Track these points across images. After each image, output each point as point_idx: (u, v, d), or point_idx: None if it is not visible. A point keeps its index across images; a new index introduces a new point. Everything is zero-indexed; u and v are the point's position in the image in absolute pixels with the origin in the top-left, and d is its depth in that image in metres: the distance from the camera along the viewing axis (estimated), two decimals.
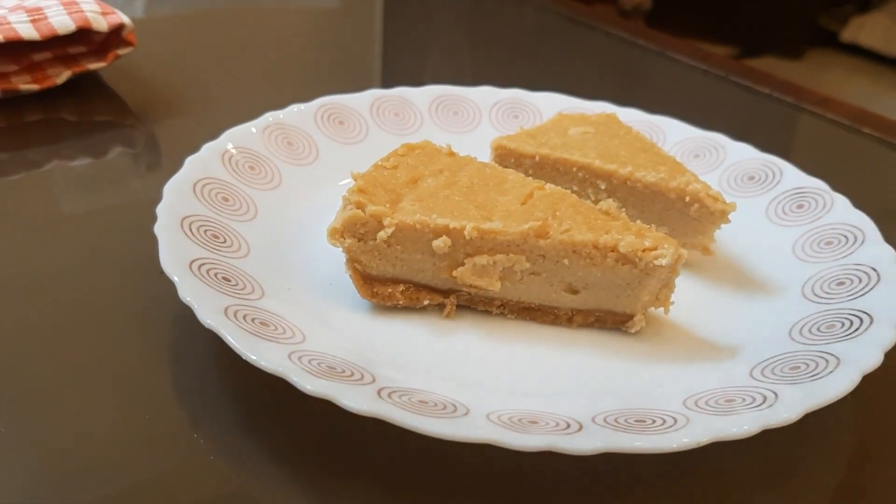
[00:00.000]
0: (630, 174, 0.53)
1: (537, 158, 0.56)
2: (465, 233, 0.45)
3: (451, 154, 0.53)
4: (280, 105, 0.63)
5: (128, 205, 0.61)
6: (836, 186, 0.58)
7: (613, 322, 0.48)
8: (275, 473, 0.38)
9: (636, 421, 0.38)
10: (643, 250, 0.45)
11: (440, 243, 0.45)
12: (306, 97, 0.65)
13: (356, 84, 0.67)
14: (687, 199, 0.52)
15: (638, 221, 0.47)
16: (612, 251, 0.45)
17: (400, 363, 0.44)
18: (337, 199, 0.48)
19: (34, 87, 0.70)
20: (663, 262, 0.45)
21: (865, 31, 2.80)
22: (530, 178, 0.50)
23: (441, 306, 0.48)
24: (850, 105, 0.88)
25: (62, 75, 0.72)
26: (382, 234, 0.46)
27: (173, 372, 0.44)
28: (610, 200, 0.48)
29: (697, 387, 0.42)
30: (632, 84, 0.99)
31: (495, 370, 0.45)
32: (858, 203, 0.56)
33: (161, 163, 0.68)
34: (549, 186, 0.49)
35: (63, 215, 0.58)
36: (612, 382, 0.44)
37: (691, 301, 0.50)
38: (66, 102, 0.73)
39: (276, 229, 0.53)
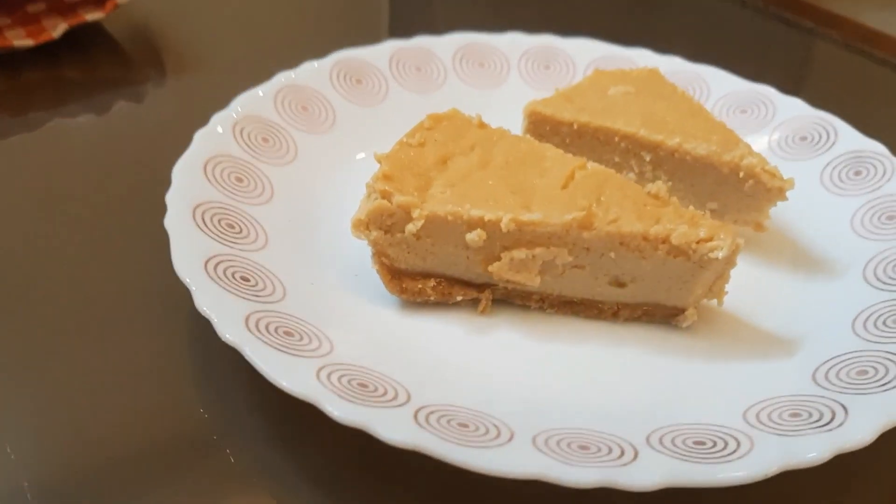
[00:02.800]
0: (678, 146, 0.49)
1: (575, 126, 0.51)
2: (502, 225, 0.41)
3: (482, 126, 0.48)
4: (289, 58, 0.58)
5: (137, 173, 0.56)
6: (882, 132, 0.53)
7: (663, 316, 0.45)
8: (305, 495, 0.36)
9: (695, 443, 0.35)
10: (698, 242, 0.41)
11: (474, 237, 0.42)
12: (315, 45, 0.59)
13: (364, 30, 0.61)
14: (741, 174, 0.48)
15: (691, 207, 0.43)
16: (664, 243, 0.41)
17: (434, 367, 0.41)
18: (357, 173, 0.45)
19: (29, 41, 0.66)
20: (720, 254, 0.41)
21: None
22: (570, 154, 0.46)
23: (475, 301, 0.45)
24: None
25: (58, 28, 0.67)
26: (411, 227, 0.42)
27: (195, 384, 0.41)
28: (659, 182, 0.44)
29: (757, 393, 0.39)
30: (661, 19, 0.93)
31: (536, 372, 0.41)
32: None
33: (171, 122, 0.63)
34: (591, 165, 0.45)
35: (69, 189, 0.55)
36: (664, 387, 0.41)
37: (744, 285, 0.46)
38: (67, 57, 0.68)
39: (294, 211, 0.49)
